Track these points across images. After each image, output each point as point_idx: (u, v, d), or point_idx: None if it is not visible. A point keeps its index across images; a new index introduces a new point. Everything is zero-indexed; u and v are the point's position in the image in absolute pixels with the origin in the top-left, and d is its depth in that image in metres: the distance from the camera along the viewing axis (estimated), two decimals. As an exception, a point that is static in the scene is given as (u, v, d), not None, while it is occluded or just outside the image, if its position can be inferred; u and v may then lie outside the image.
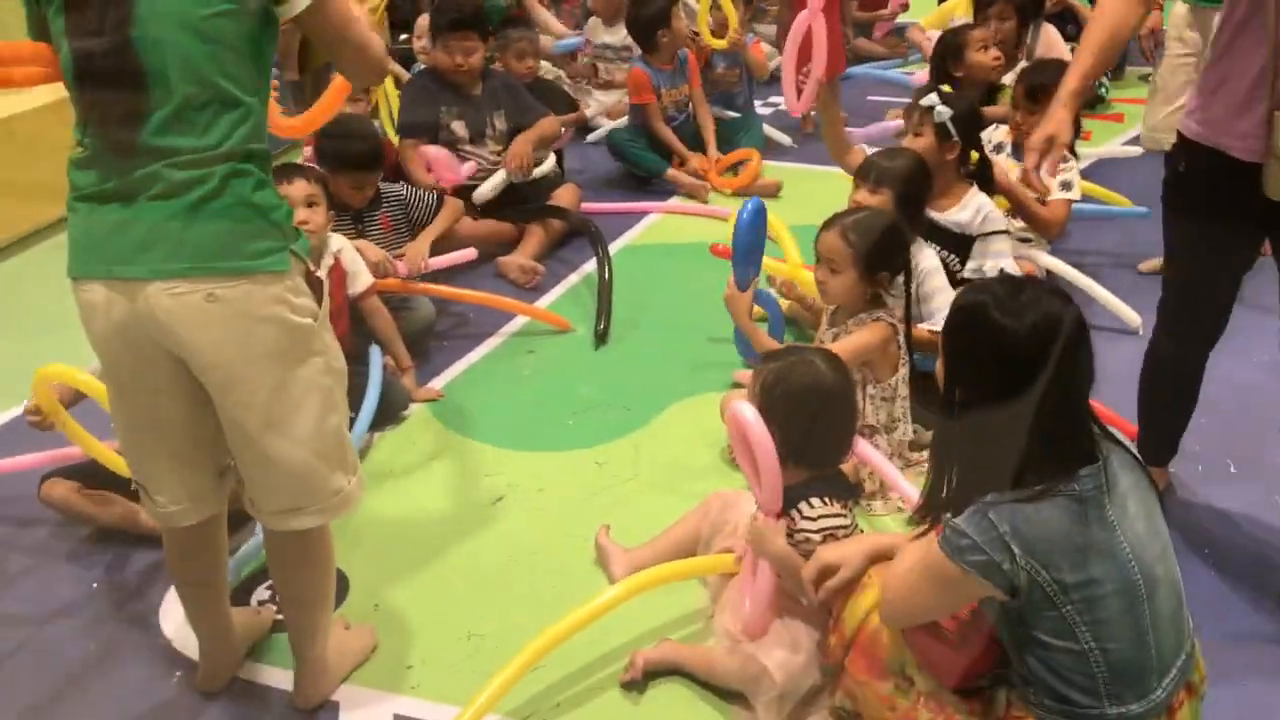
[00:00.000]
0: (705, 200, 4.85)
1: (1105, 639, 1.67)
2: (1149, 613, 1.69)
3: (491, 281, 4.14)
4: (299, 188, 3.11)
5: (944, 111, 3.33)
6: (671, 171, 4.92)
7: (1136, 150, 4.63)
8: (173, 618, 2.55)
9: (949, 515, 1.73)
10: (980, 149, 3.51)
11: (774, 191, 4.81)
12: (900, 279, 2.87)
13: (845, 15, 5.49)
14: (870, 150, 3.53)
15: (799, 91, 3.50)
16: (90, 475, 2.77)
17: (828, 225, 2.86)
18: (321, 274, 3.08)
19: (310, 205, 3.14)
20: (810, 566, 2.06)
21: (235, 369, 1.91)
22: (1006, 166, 3.72)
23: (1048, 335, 1.67)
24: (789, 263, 3.64)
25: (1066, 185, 3.67)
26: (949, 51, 4.43)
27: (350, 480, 2.09)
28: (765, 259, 3.20)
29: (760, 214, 2.95)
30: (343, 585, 2.63)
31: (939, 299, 3.05)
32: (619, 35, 5.44)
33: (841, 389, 2.29)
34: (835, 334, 2.87)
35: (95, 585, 2.69)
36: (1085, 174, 4.76)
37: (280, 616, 2.49)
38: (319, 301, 2.00)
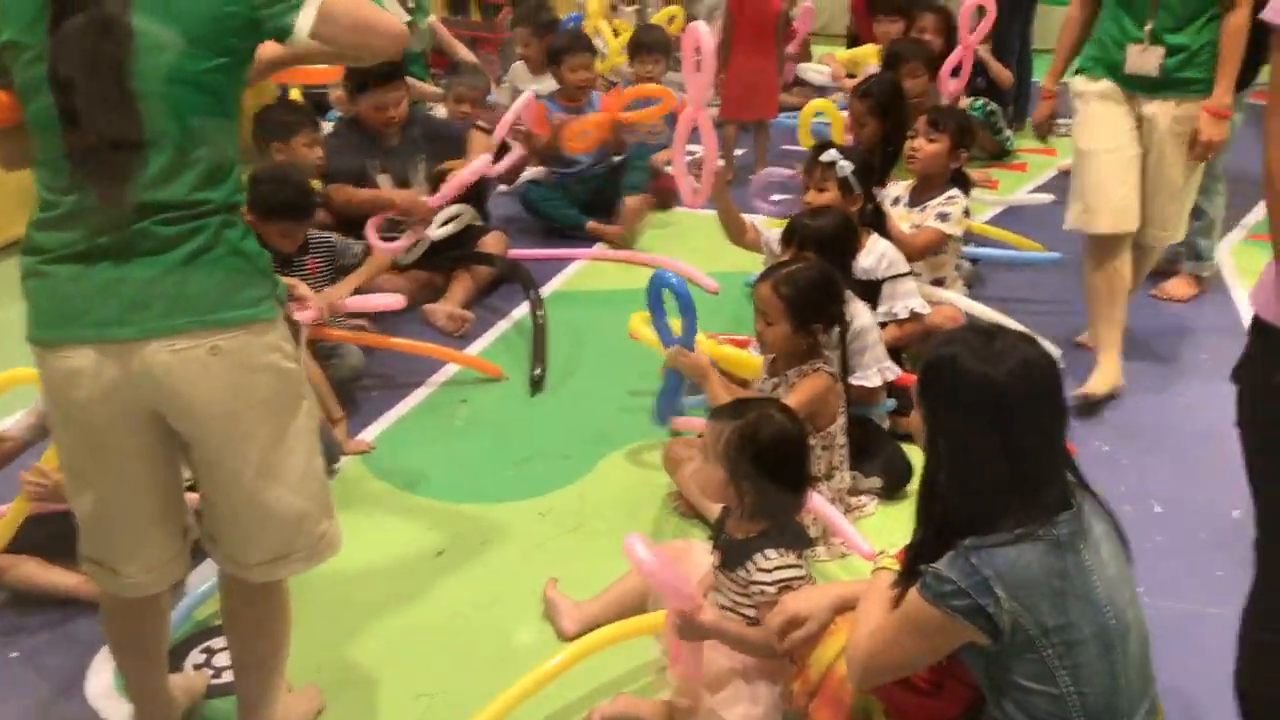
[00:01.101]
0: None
1: (1083, 683, 1.69)
2: (1122, 657, 1.72)
3: (418, 329, 4.08)
4: None
5: (845, 166, 3.42)
6: (591, 224, 4.92)
7: (1047, 198, 4.78)
8: (99, 686, 2.43)
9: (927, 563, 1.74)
10: (874, 199, 3.59)
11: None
12: (836, 329, 2.91)
13: (780, 58, 5.58)
14: (761, 227, 3.60)
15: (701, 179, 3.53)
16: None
17: (763, 277, 2.89)
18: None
19: None
20: (776, 617, 2.06)
21: (235, 420, 1.87)
22: (901, 217, 3.80)
23: (1028, 379, 1.70)
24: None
25: (943, 216, 3.75)
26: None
27: (332, 523, 2.07)
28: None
29: (670, 284, 2.95)
30: (283, 646, 2.53)
31: (868, 355, 3.10)
32: (547, 83, 5.45)
33: (802, 441, 2.31)
34: (775, 384, 2.89)
35: (15, 654, 2.55)
36: (995, 222, 4.92)
37: (217, 681, 2.42)
38: (297, 344, 1.99)
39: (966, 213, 3.86)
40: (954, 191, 3.80)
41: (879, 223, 3.54)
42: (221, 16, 1.78)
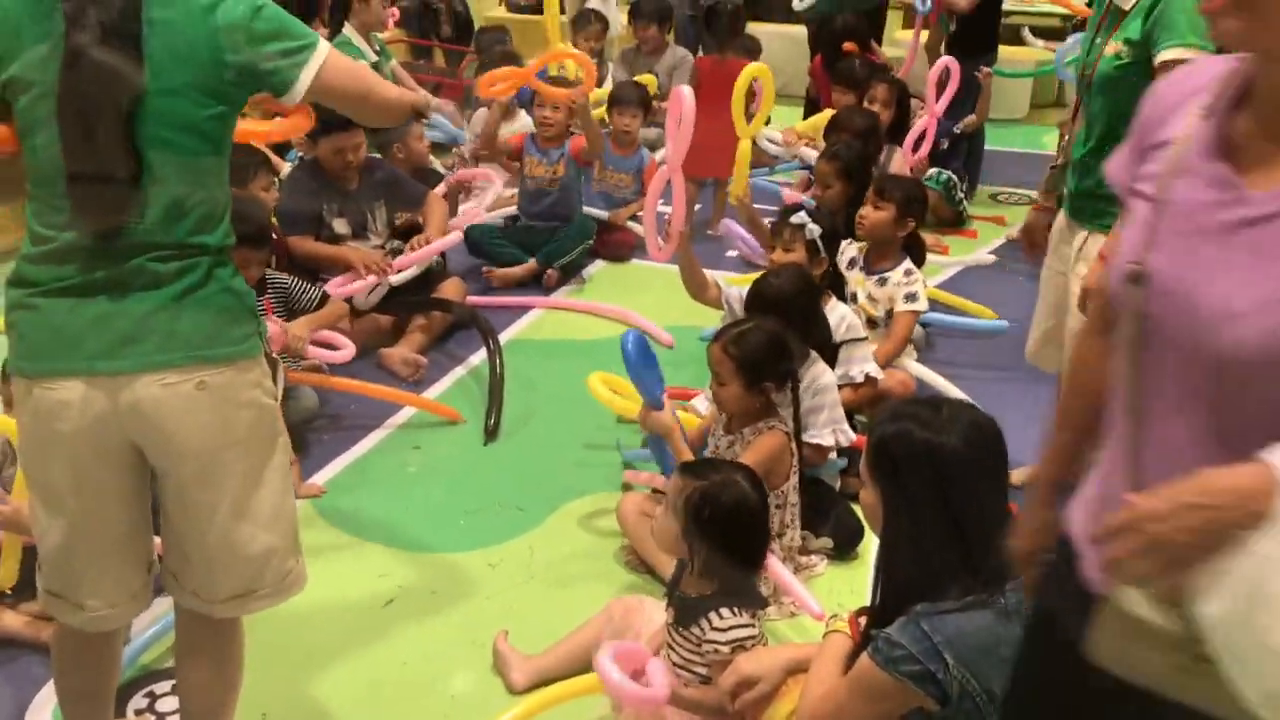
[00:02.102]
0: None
1: (1029, 751, 1.73)
2: None
3: (373, 373, 4.06)
4: None
5: (814, 229, 3.49)
6: (526, 268, 4.97)
7: (989, 259, 4.90)
8: (37, 731, 2.38)
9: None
10: (835, 263, 3.69)
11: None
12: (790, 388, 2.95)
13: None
14: (723, 284, 3.66)
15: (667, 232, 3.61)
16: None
17: (715, 338, 2.93)
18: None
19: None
20: (729, 678, 2.07)
21: (216, 456, 1.90)
22: (856, 280, 3.89)
23: (974, 444, 1.75)
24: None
25: (912, 297, 3.82)
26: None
27: (299, 560, 2.08)
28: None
29: (641, 342, 2.99)
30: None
31: (825, 415, 3.14)
32: (512, 127, 5.49)
33: (761, 513, 2.33)
34: (731, 441, 2.92)
35: (-52, 697, 2.49)
36: (947, 285, 5.02)
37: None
38: (276, 382, 2.03)
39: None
40: (910, 266, 3.87)
41: (838, 286, 3.61)
42: (226, 64, 1.82)
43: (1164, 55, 2.57)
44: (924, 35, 7.10)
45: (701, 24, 6.29)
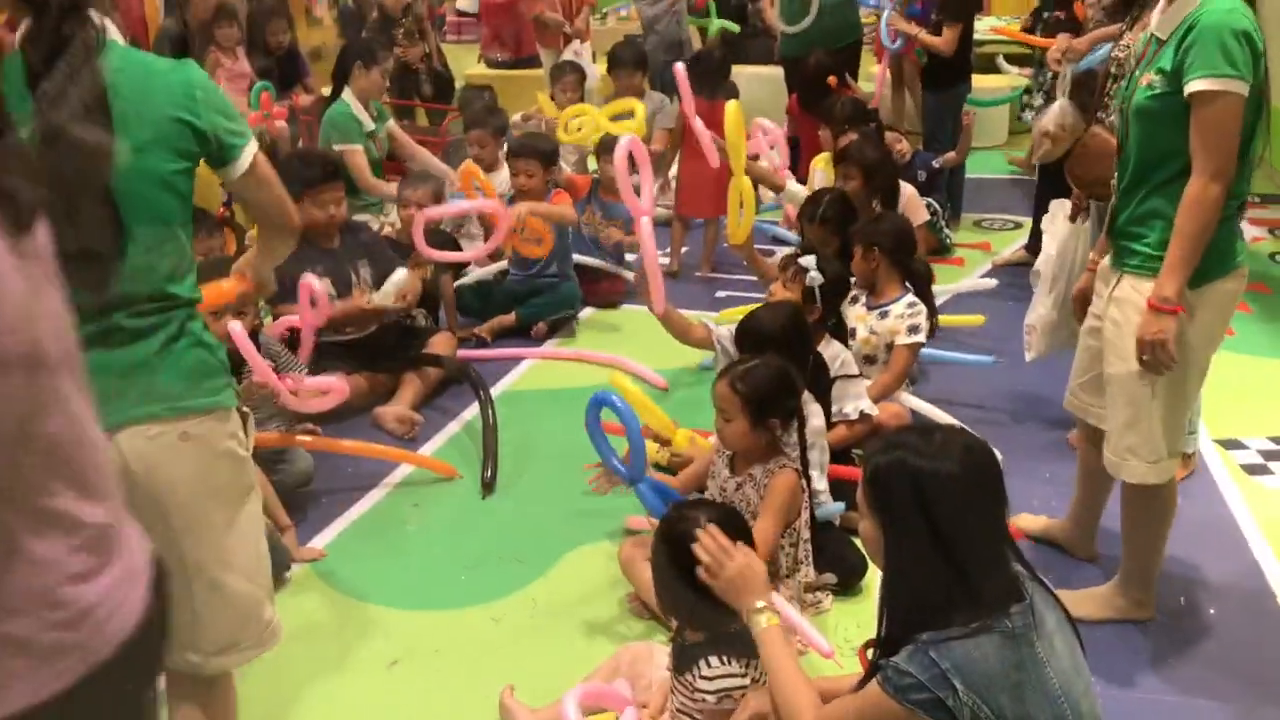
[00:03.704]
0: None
1: (1040, 772, 1.71)
2: None
3: (368, 433, 4.06)
4: None
5: (816, 278, 3.48)
6: (505, 318, 4.97)
7: (990, 283, 4.88)
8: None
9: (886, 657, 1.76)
10: (839, 311, 3.66)
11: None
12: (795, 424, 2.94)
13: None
14: (712, 324, 3.67)
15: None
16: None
17: (721, 375, 2.92)
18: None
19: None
20: (741, 715, 2.06)
21: (199, 506, 1.94)
22: (857, 316, 3.89)
23: (971, 467, 1.75)
24: (663, 426, 3.63)
25: (914, 329, 3.81)
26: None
27: (275, 609, 2.11)
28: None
29: (594, 409, 2.98)
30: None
31: (812, 454, 3.12)
32: (497, 180, 5.52)
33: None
34: (739, 483, 2.91)
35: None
36: (940, 310, 5.01)
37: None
38: (247, 434, 2.08)
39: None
40: (913, 299, 3.86)
41: (839, 334, 3.62)
42: (183, 121, 1.90)
43: (1193, 86, 2.43)
44: (900, 69, 7.21)
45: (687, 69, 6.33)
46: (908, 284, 3.93)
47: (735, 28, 8.74)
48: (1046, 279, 3.77)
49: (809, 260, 3.50)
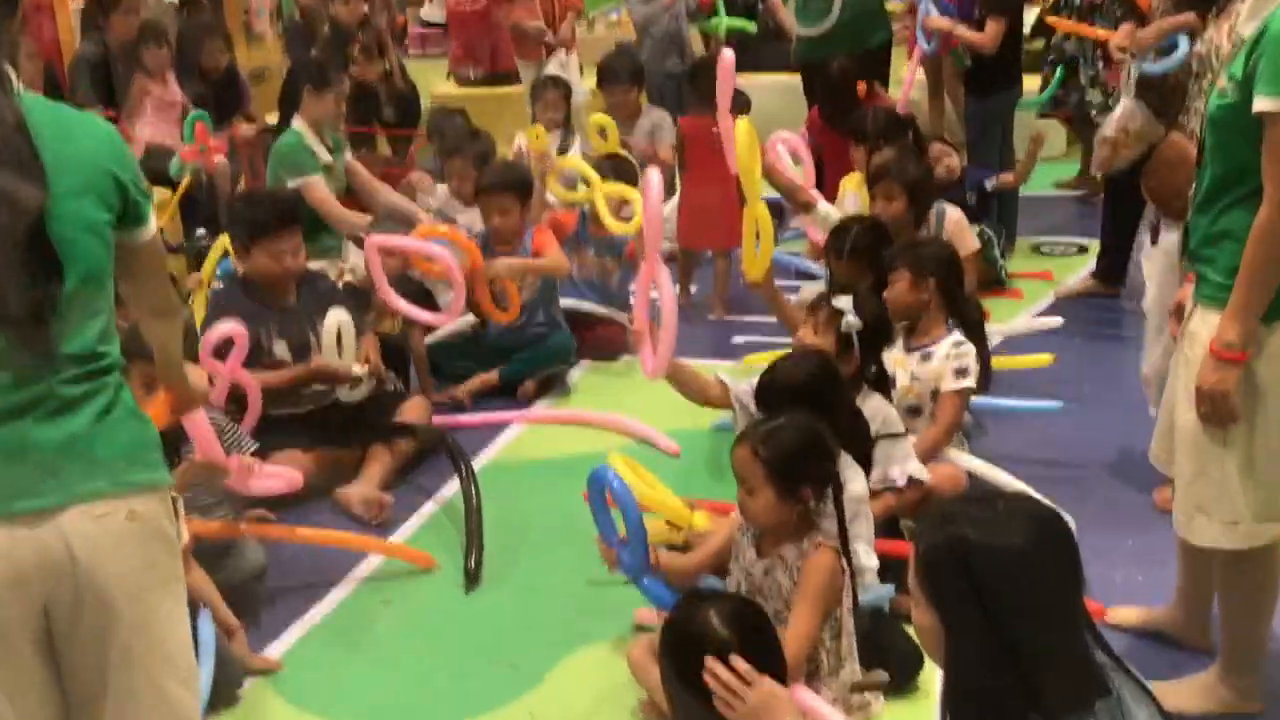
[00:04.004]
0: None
1: None
2: None
3: (330, 518, 4.05)
4: None
5: (853, 322, 3.47)
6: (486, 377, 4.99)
7: (1055, 321, 4.86)
8: None
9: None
10: (880, 360, 3.65)
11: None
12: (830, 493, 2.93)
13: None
14: (729, 379, 3.69)
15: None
16: None
17: (739, 440, 2.92)
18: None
19: None
20: None
21: (149, 599, 2.00)
22: (896, 360, 3.87)
23: (1045, 543, 1.75)
24: (675, 513, 3.62)
25: (962, 372, 3.81)
26: None
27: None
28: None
29: (597, 483, 3.00)
30: None
31: (860, 528, 3.11)
32: (469, 215, 5.57)
33: (752, 646, 2.30)
34: (767, 567, 2.89)
35: None
36: (996, 351, 5.00)
37: None
38: (176, 517, 2.18)
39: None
40: (959, 338, 3.87)
41: (881, 387, 3.61)
42: (109, 172, 2.02)
43: (1258, 104, 2.41)
44: (938, 73, 7.28)
45: (686, 81, 6.41)
46: (950, 321, 3.94)
47: (750, 27, 8.80)
48: (1153, 324, 3.78)
49: (845, 302, 3.50)
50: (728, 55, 4.35)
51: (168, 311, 2.30)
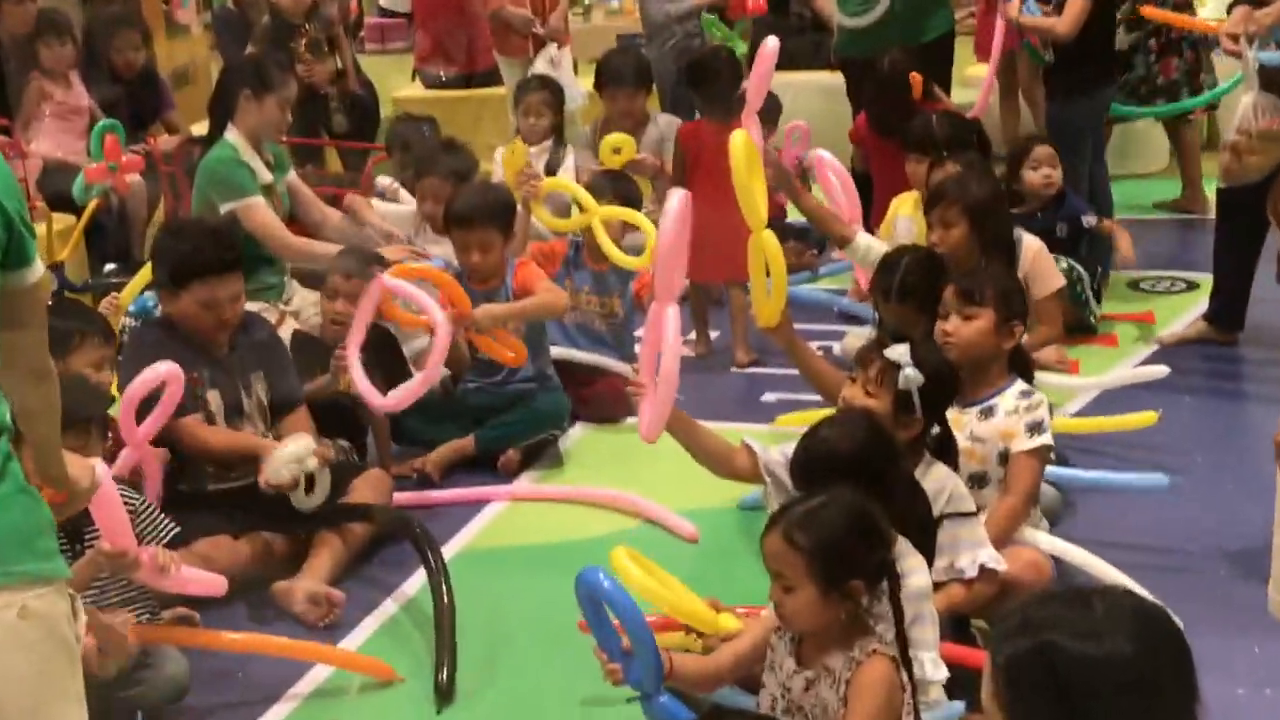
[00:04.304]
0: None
1: None
2: None
3: (269, 618, 4.05)
4: None
5: (913, 377, 3.45)
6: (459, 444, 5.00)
7: (1161, 370, 4.87)
8: None
9: None
10: (945, 421, 3.65)
11: None
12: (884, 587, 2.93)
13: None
14: (758, 446, 3.70)
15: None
16: None
17: (771, 524, 2.92)
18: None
19: None
20: None
21: (46, 711, 2.03)
22: (950, 418, 3.81)
23: (1153, 650, 1.75)
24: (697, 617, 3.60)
25: (1036, 428, 3.81)
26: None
27: None
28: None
29: (587, 588, 3.00)
30: None
31: (916, 631, 3.09)
32: (443, 247, 5.58)
33: None
34: (809, 680, 2.88)
35: None
36: (1087, 411, 5.01)
37: None
38: (75, 617, 2.19)
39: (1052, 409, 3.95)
40: (1025, 387, 3.90)
41: (945, 454, 3.61)
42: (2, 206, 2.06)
43: None
44: (1011, 70, 7.32)
45: (686, 82, 6.45)
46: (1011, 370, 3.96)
47: (740, 46, 8.84)
48: None
49: (900, 352, 3.51)
50: (771, 43, 4.38)
51: (46, 374, 2.30)
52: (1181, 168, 7.52)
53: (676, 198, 3.54)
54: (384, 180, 6.53)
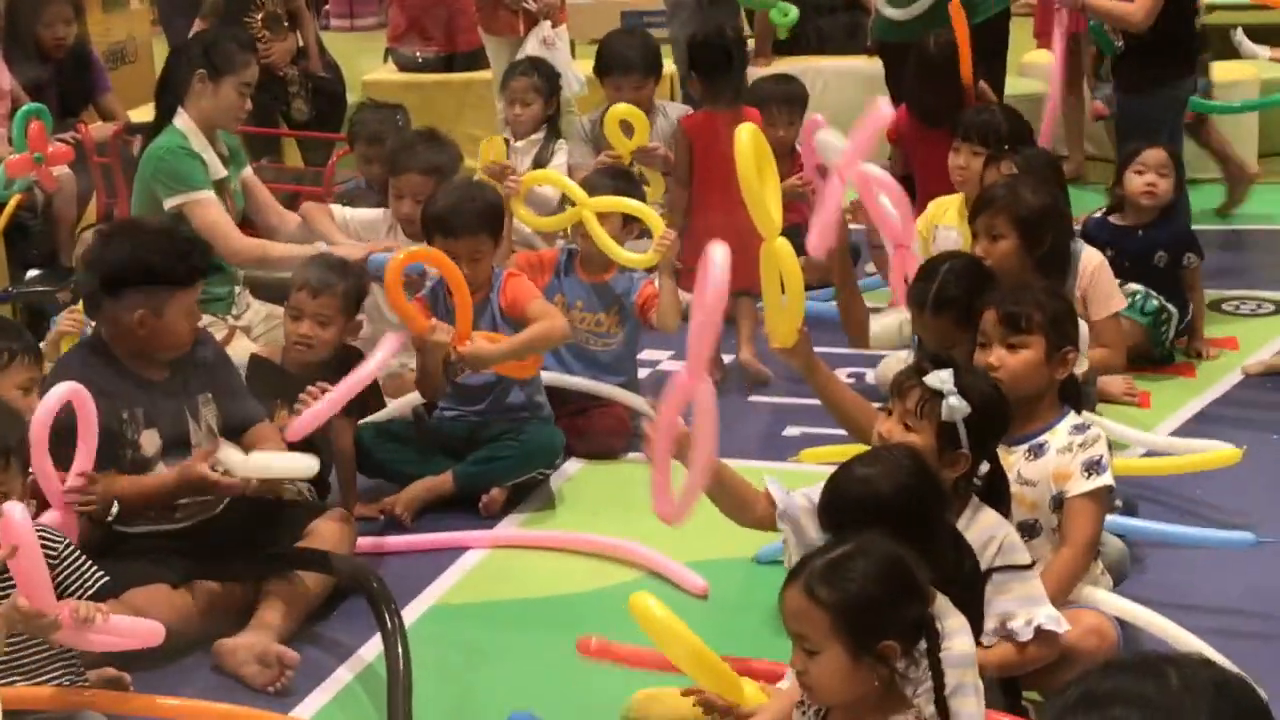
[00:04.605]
0: None
1: None
2: None
3: (208, 681, 4.05)
4: None
5: (958, 408, 3.46)
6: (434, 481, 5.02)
7: (1232, 454, 4.69)
8: None
9: None
10: (995, 457, 3.65)
11: None
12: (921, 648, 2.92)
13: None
14: (779, 492, 3.69)
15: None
16: None
17: (791, 579, 2.91)
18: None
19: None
20: None
21: None
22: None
23: None
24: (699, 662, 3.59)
25: (1094, 467, 3.80)
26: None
27: None
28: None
29: None
30: None
31: (965, 703, 3.07)
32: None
33: None
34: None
35: None
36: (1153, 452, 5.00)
37: None
38: None
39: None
40: (1079, 421, 3.90)
41: (996, 497, 3.61)
42: None
43: None
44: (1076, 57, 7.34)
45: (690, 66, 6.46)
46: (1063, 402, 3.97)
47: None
48: None
49: (943, 379, 3.50)
50: (884, 110, 4.36)
51: None
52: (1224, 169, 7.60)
53: (719, 252, 3.50)
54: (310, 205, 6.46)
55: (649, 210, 5.56)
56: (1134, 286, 5.71)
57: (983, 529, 3.49)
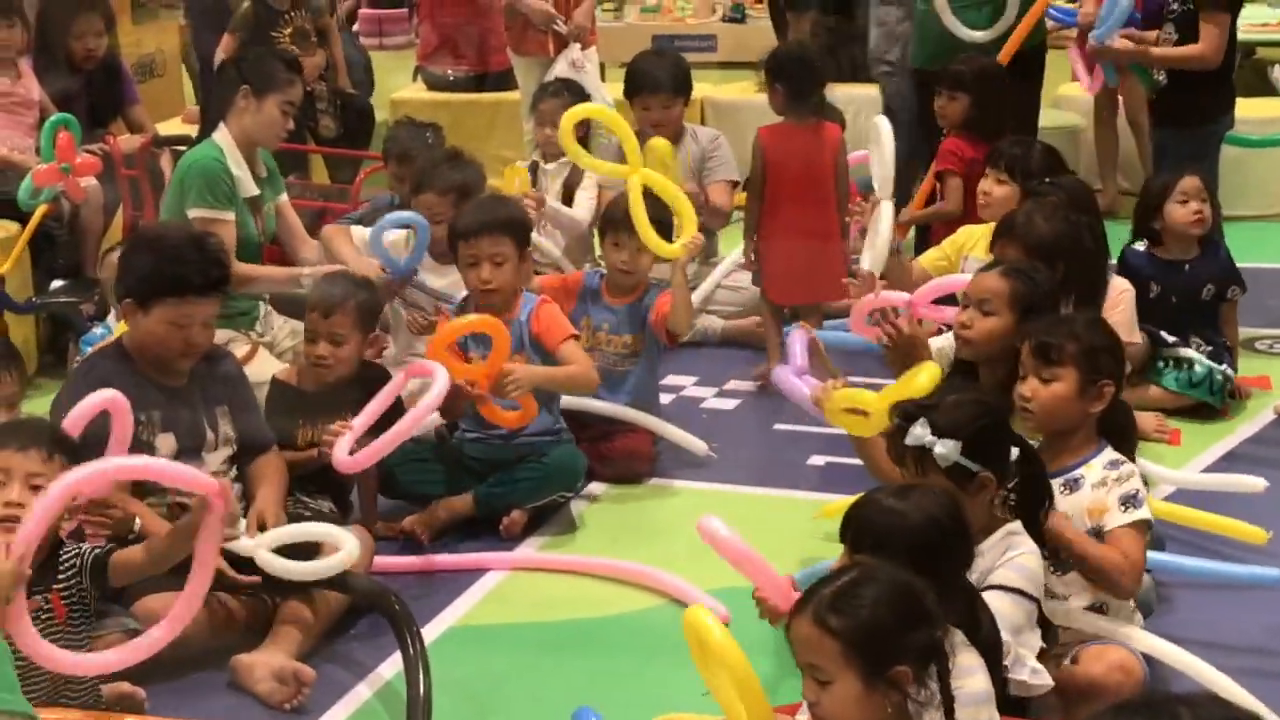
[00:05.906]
0: None
1: None
2: None
3: (224, 698, 4.05)
4: None
5: (949, 451, 3.46)
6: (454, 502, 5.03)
7: (1258, 484, 4.77)
8: None
9: None
10: (1026, 456, 3.65)
11: None
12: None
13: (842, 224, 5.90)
14: None
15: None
16: None
17: (800, 606, 2.91)
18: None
19: None
20: None
21: None
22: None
23: None
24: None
25: (1131, 501, 3.79)
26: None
27: None
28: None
29: None
30: None
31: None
32: (447, 279, 5.60)
33: None
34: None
35: None
36: (1180, 498, 4.98)
37: None
38: None
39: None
40: (1115, 456, 3.88)
41: (1033, 525, 3.60)
42: None
43: None
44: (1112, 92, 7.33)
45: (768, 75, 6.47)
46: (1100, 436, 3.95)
47: None
48: None
49: (919, 434, 3.49)
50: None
51: None
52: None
53: (716, 524, 3.53)
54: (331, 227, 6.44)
55: (687, 204, 5.54)
56: (1185, 353, 5.73)
57: (1015, 550, 3.49)
